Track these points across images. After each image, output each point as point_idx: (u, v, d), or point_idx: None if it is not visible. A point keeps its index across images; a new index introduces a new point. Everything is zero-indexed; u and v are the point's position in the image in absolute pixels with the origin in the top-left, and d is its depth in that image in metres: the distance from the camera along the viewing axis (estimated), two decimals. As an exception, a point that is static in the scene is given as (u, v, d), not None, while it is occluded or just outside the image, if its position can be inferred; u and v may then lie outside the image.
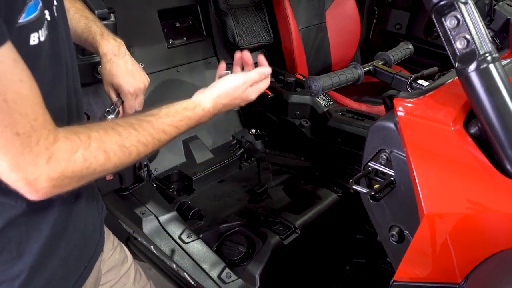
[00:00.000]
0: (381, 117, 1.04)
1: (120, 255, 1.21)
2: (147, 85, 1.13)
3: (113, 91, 1.10)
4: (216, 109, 1.00)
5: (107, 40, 1.07)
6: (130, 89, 1.07)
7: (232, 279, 1.47)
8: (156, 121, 0.84)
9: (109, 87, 1.10)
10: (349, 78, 1.25)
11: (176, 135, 0.88)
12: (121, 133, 0.74)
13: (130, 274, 1.24)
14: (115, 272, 1.19)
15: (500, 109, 0.82)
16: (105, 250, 1.15)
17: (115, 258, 1.19)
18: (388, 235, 1.08)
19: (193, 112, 0.94)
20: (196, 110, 0.95)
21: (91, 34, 1.06)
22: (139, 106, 1.12)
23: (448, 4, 0.85)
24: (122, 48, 1.09)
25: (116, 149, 0.72)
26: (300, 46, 2.58)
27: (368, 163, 1.08)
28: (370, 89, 2.59)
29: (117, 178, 1.59)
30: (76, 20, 1.06)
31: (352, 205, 1.80)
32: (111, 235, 1.21)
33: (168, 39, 2.31)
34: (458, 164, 0.88)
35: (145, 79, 1.13)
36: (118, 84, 1.07)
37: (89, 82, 1.45)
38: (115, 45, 1.07)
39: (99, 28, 1.08)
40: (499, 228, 0.85)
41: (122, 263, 1.22)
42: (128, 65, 1.09)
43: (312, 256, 1.75)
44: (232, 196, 1.99)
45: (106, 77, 1.08)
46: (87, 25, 1.06)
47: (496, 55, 0.83)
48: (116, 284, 1.20)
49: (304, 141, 2.20)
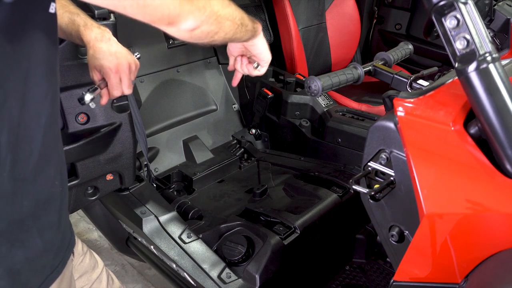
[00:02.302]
0: (381, 117, 1.04)
1: (90, 260, 1.22)
2: (134, 66, 1.10)
3: (97, 73, 1.08)
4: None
5: (90, 29, 1.07)
6: (112, 67, 1.05)
7: (232, 279, 1.47)
8: None
9: (93, 71, 1.08)
10: (349, 78, 1.25)
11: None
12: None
13: (102, 279, 1.24)
14: (86, 277, 1.20)
15: (500, 109, 0.82)
16: (76, 256, 1.16)
17: (86, 263, 1.20)
18: (388, 235, 1.08)
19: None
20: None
21: (75, 27, 1.06)
22: (127, 88, 1.09)
23: (448, 4, 0.85)
24: (106, 34, 1.08)
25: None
26: (300, 46, 2.58)
27: (368, 163, 1.08)
28: (370, 89, 2.59)
29: (117, 178, 1.59)
30: (60, 16, 1.06)
31: (352, 205, 1.80)
32: (79, 242, 1.21)
33: (168, 39, 2.31)
34: (458, 164, 0.88)
35: (131, 59, 1.10)
36: (100, 66, 1.06)
37: (88, 81, 1.45)
38: (98, 32, 1.07)
39: (83, 19, 1.08)
40: (499, 228, 0.85)
41: (93, 269, 1.22)
42: (111, 48, 1.07)
43: (312, 256, 1.75)
44: (232, 196, 1.99)
45: (90, 62, 1.07)
46: (71, 18, 1.06)
47: (496, 55, 0.83)
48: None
49: (304, 141, 2.20)
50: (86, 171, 1.47)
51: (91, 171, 1.48)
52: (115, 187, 1.62)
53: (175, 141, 2.21)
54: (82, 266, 1.19)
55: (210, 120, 2.37)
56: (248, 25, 1.00)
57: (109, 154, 1.48)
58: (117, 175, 1.58)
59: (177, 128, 2.24)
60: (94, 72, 1.08)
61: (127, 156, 1.54)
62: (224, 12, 0.88)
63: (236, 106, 2.50)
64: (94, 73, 1.08)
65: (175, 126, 2.24)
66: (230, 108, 2.48)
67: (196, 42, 0.88)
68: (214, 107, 2.42)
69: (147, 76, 2.22)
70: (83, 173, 1.46)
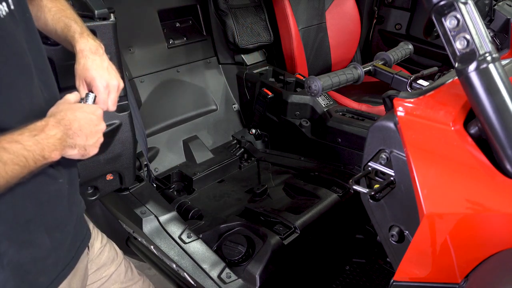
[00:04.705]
0: (381, 117, 1.04)
1: (109, 252, 1.22)
2: (121, 87, 1.08)
3: (83, 86, 1.04)
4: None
5: (86, 39, 1.04)
6: (103, 82, 1.02)
7: (232, 279, 1.47)
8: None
9: (80, 82, 1.04)
10: (349, 78, 1.25)
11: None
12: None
13: (121, 271, 1.25)
14: (104, 270, 1.20)
15: (500, 109, 0.82)
16: (94, 249, 1.17)
17: (104, 256, 1.20)
18: (388, 235, 1.08)
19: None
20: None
21: (70, 33, 1.04)
22: (112, 105, 1.06)
23: (448, 4, 0.85)
24: (100, 49, 1.06)
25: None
26: (300, 46, 2.58)
27: (368, 163, 1.08)
28: (370, 89, 2.59)
29: (117, 178, 1.59)
30: (56, 21, 1.05)
31: (352, 205, 1.80)
32: (99, 234, 1.21)
33: (168, 39, 2.31)
34: (458, 164, 0.88)
35: (119, 79, 1.08)
36: (91, 77, 1.02)
37: None
38: (93, 44, 1.05)
39: (80, 27, 1.06)
40: (499, 228, 0.85)
41: (112, 261, 1.23)
42: (104, 63, 1.05)
43: (312, 256, 1.75)
44: (232, 196, 1.99)
45: (79, 72, 1.03)
46: (67, 24, 1.05)
47: (496, 55, 0.83)
48: (107, 282, 1.21)
49: (304, 141, 2.20)
50: (86, 171, 1.47)
51: (91, 171, 1.48)
52: (115, 187, 1.62)
53: (175, 141, 2.21)
54: (101, 259, 1.19)
55: (210, 120, 2.37)
56: (45, 154, 0.79)
57: (109, 154, 1.48)
58: (117, 175, 1.58)
59: (177, 128, 2.24)
60: (81, 83, 1.03)
61: (127, 156, 1.54)
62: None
63: (236, 106, 2.50)
64: (82, 83, 1.03)
65: (175, 126, 2.24)
66: (230, 108, 2.48)
67: None
68: (214, 107, 2.42)
69: (147, 76, 2.22)
70: (83, 173, 1.46)
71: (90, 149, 0.90)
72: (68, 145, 0.83)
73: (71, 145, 0.84)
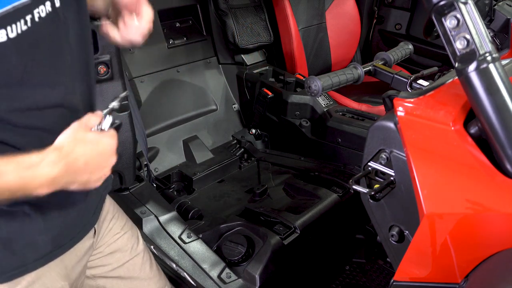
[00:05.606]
0: (381, 117, 1.04)
1: (128, 240, 1.20)
2: (150, 16, 1.04)
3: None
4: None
5: None
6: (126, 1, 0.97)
7: (232, 279, 1.47)
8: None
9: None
10: (349, 78, 1.25)
11: None
12: None
13: (136, 262, 1.22)
14: (119, 255, 1.18)
15: (500, 109, 0.82)
16: (111, 233, 1.16)
17: (120, 242, 1.18)
18: (388, 235, 1.08)
19: None
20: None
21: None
22: (140, 35, 1.04)
23: (448, 4, 0.85)
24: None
25: None
26: (300, 46, 2.58)
27: (368, 163, 1.08)
28: (370, 89, 2.58)
29: (117, 178, 1.59)
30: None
31: (352, 205, 1.80)
32: (122, 220, 1.20)
33: (168, 39, 2.31)
34: (458, 164, 0.88)
35: (149, 9, 1.03)
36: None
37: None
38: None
39: None
40: (499, 228, 0.85)
41: (130, 249, 1.21)
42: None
43: (312, 256, 1.75)
44: (232, 196, 1.99)
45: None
46: None
47: (496, 55, 0.83)
48: (119, 268, 1.19)
49: (304, 141, 2.20)
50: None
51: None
52: (115, 187, 1.62)
53: (175, 141, 2.21)
54: (116, 244, 1.17)
55: (210, 120, 2.37)
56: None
57: (109, 154, 1.48)
58: (117, 175, 1.58)
59: (177, 128, 2.24)
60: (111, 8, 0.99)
61: (127, 156, 1.54)
62: None
63: (236, 106, 2.50)
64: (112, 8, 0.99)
65: (175, 126, 2.24)
66: (230, 108, 2.48)
67: None
68: (214, 107, 2.42)
69: (147, 76, 2.22)
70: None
71: (92, 184, 0.83)
72: (63, 182, 0.77)
73: (68, 182, 0.78)
